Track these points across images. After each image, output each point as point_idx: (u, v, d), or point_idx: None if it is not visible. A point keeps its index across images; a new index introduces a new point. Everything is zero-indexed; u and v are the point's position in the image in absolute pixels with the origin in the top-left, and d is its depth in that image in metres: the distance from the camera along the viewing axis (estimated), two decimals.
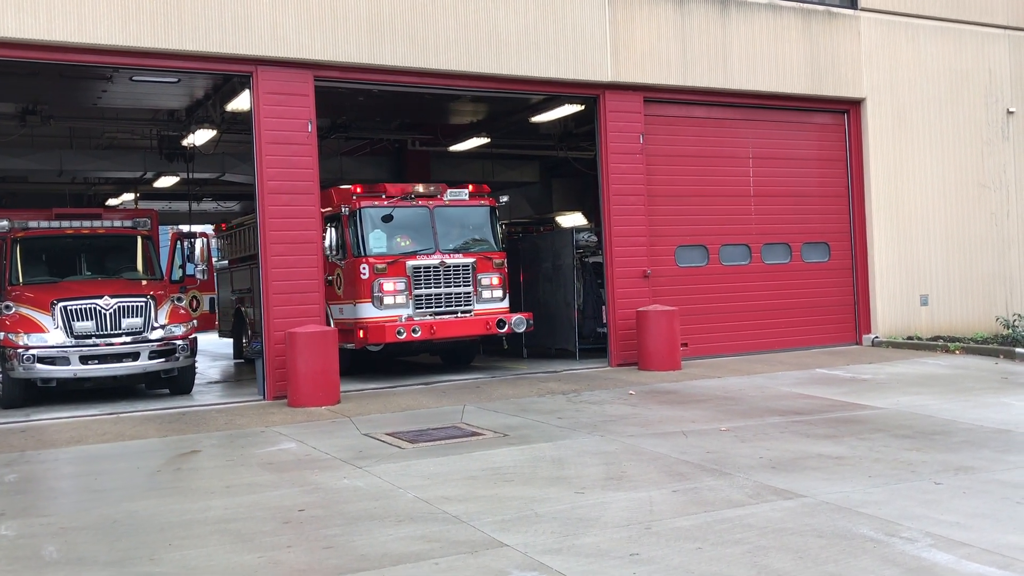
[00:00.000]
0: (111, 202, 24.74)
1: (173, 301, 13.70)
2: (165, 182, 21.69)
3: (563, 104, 15.91)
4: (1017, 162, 18.42)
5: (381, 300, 13.58)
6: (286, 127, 12.57)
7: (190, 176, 20.06)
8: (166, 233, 21.23)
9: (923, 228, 17.49)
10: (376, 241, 13.98)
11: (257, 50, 12.26)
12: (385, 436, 9.61)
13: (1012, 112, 18.31)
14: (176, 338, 13.09)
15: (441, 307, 14.01)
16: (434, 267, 14.01)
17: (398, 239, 14.14)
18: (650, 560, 5.45)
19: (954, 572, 5.17)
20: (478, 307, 14.27)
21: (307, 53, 12.52)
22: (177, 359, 13.09)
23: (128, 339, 12.76)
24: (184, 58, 12.08)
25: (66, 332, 12.54)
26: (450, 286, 14.13)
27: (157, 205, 22.49)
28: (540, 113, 16.82)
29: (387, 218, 14.14)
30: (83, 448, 9.64)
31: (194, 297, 17.03)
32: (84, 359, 12.49)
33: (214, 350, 21.87)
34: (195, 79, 14.14)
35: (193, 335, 13.56)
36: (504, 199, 15.60)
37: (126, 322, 12.82)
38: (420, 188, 14.47)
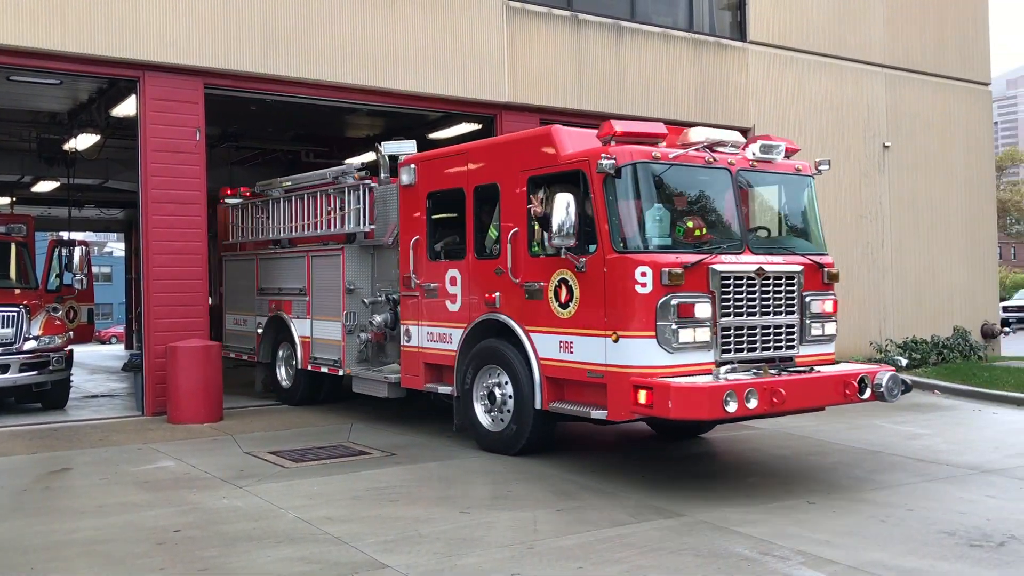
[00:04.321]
0: None
1: (48, 311, 13.13)
2: (44, 187, 20.78)
3: (460, 122, 15.95)
4: (892, 194, 19.34)
5: (676, 335, 7.55)
6: (173, 135, 12.22)
7: (71, 181, 19.25)
8: (44, 240, 20.32)
9: None
10: (657, 225, 7.98)
11: (145, 55, 11.89)
12: (268, 455, 9.39)
13: (888, 146, 19.24)
14: (50, 350, 12.53)
15: (756, 350, 8.07)
16: (749, 278, 8.02)
17: (687, 223, 8.08)
18: None
19: None
20: (803, 351, 8.41)
21: (197, 60, 12.21)
22: (50, 372, 12.52)
23: None
24: (67, 59, 11.63)
25: None
26: (769, 312, 8.17)
27: (35, 211, 21.49)
28: (438, 130, 16.82)
29: (667, 186, 8.17)
30: None
31: (71, 308, 16.35)
32: None
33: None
34: (79, 81, 13.62)
35: (69, 347, 13.01)
36: (824, 167, 9.09)
37: None
38: (712, 133, 8.43)
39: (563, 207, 7.77)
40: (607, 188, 7.83)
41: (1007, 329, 23.26)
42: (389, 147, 11.24)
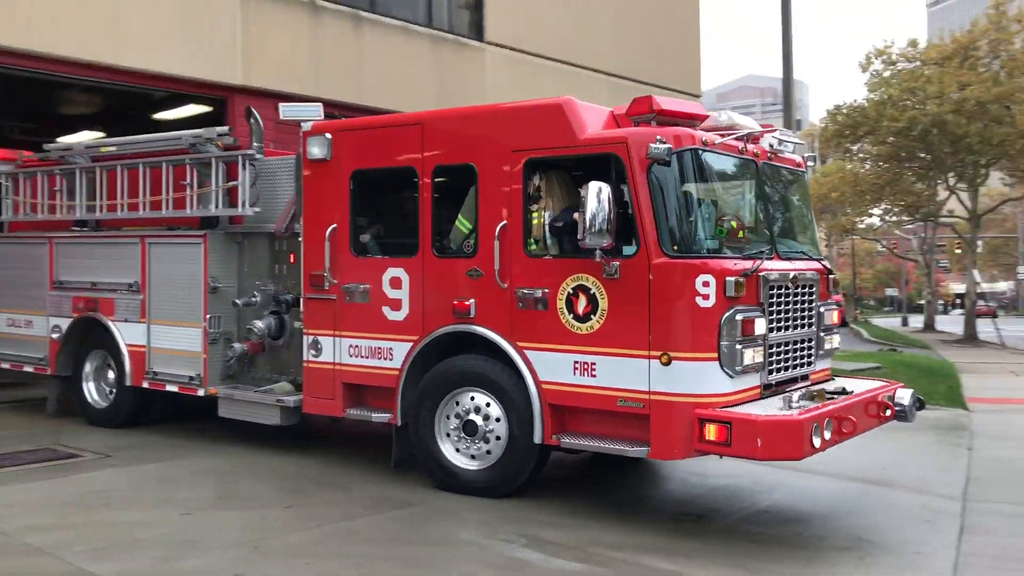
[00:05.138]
0: None
1: None
2: None
3: (188, 103, 15.13)
4: None
5: (741, 357, 6.44)
6: None
7: None
8: None
9: None
10: (709, 225, 6.87)
11: None
12: None
13: None
14: None
15: (788, 369, 7.11)
16: (788, 285, 7.07)
17: (731, 222, 6.97)
18: None
19: (543, 569, 5.62)
20: (818, 366, 7.62)
21: None
22: None
23: None
24: None
25: None
26: (800, 325, 7.24)
27: None
28: (163, 110, 15.87)
29: (712, 178, 7.15)
30: None
31: None
32: None
33: None
34: None
35: None
36: (812, 163, 8.64)
37: None
38: (736, 116, 7.26)
39: (597, 198, 6.30)
40: (653, 178, 6.46)
41: None
42: (289, 111, 8.86)
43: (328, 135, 8.14)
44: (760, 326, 6.56)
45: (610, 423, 6.71)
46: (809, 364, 7.37)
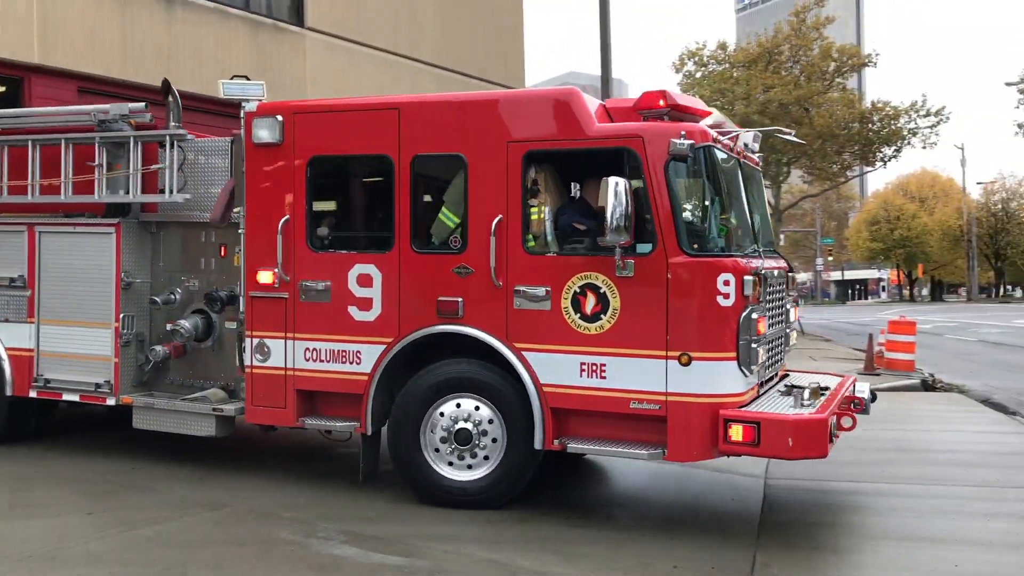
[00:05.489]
0: None
1: None
2: None
3: None
4: None
5: (756, 356, 6.40)
6: None
7: None
8: None
9: None
10: (718, 223, 6.84)
11: None
12: None
13: None
14: None
15: (773, 365, 7.31)
16: (777, 283, 7.33)
17: (731, 220, 7.13)
18: None
19: (363, 564, 5.55)
20: (785, 364, 7.95)
21: None
22: None
23: None
24: None
25: None
26: (779, 322, 7.41)
27: None
28: None
29: (720, 176, 6.97)
30: None
31: None
32: None
33: None
34: None
35: None
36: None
37: None
38: (720, 114, 7.37)
39: (616, 194, 6.13)
40: (671, 174, 6.34)
41: None
42: (232, 88, 8.11)
43: (279, 117, 7.40)
44: (764, 324, 6.55)
45: (618, 426, 6.52)
46: (781, 360, 7.49)
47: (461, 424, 6.79)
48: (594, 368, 6.47)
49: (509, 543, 5.98)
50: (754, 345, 6.31)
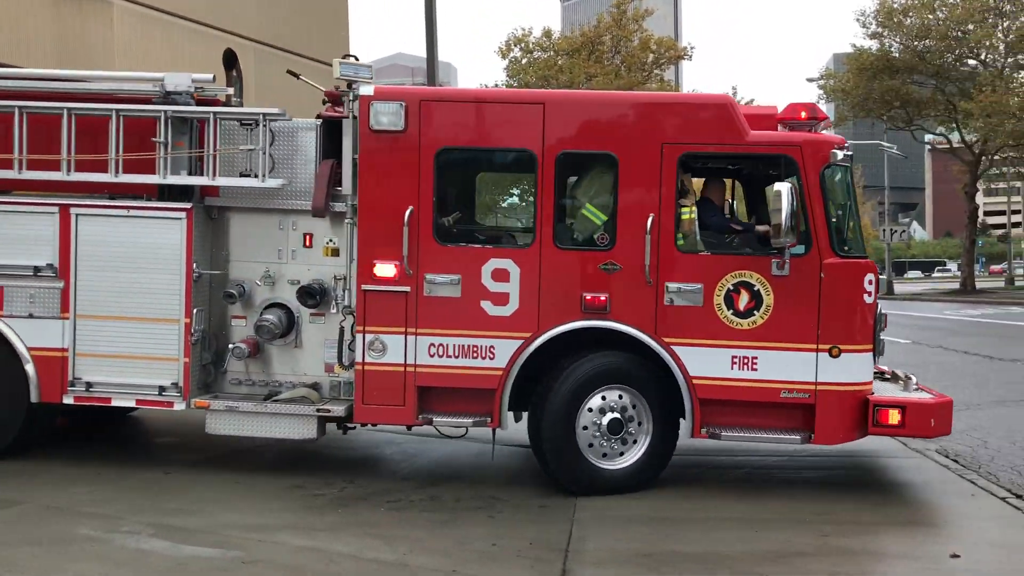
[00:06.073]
0: None
1: None
2: None
3: None
4: None
5: (883, 346, 7.40)
6: None
7: None
8: None
9: None
10: (856, 227, 7.74)
11: None
12: None
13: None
14: None
15: None
16: None
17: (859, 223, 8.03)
18: None
19: (172, 557, 5.33)
20: None
21: None
22: None
23: None
24: None
25: None
26: None
27: None
28: None
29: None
30: None
31: None
32: None
33: None
34: None
35: None
36: None
37: None
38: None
39: (787, 199, 6.55)
40: (824, 181, 6.92)
41: None
42: (347, 69, 7.20)
43: (403, 103, 7.07)
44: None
45: (761, 414, 6.98)
46: None
47: (610, 415, 6.97)
48: (745, 361, 6.90)
49: (326, 530, 5.89)
50: (882, 336, 7.20)
